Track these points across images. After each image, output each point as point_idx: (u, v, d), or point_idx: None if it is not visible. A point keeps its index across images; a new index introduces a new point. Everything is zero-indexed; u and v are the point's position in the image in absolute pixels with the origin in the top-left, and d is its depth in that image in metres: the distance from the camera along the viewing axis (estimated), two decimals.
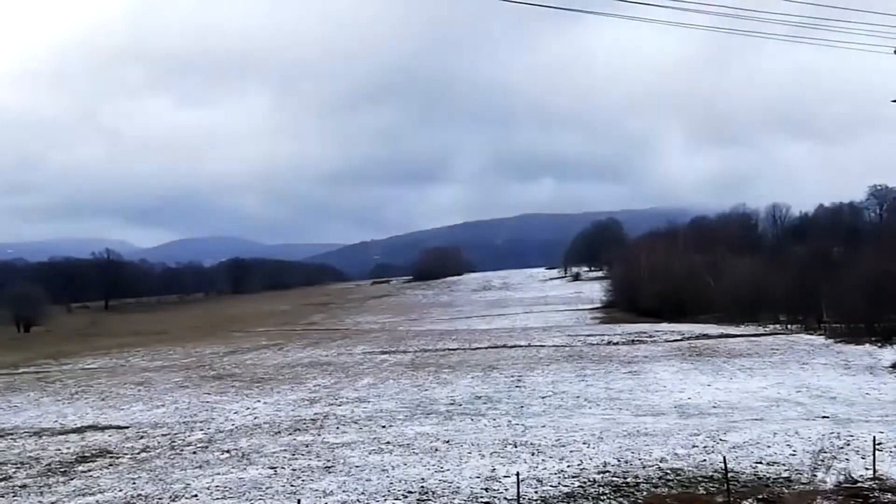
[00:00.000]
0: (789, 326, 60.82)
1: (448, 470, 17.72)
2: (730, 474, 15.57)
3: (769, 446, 18.94)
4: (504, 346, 53.97)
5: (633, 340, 54.01)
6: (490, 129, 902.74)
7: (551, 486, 16.07)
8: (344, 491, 16.25)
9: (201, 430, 26.43)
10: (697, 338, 54.36)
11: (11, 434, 27.69)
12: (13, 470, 20.96)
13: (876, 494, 14.86)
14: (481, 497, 15.47)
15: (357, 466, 18.63)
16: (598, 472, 16.94)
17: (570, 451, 19.14)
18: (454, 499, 15.36)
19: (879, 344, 44.35)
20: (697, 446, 19.22)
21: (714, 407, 28.16)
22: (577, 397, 31.40)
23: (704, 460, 17.74)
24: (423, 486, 16.31)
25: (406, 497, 15.55)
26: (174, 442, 24.18)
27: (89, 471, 20.28)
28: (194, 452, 22.10)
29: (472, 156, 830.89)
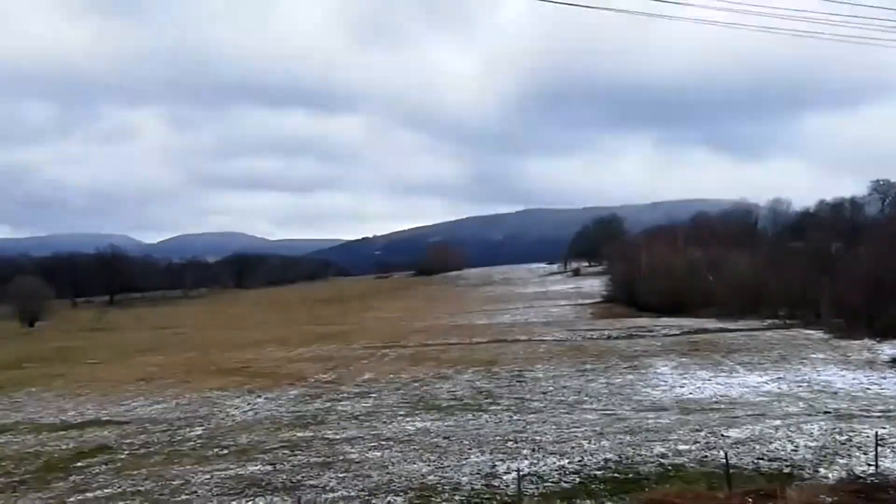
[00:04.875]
0: (788, 321, 60.72)
1: (448, 466, 17.65)
2: (731, 470, 15.50)
3: (771, 442, 18.87)
4: (505, 340, 53.94)
5: (632, 335, 53.96)
6: None
7: (552, 481, 16.00)
8: (344, 487, 16.18)
9: (201, 425, 26.42)
10: (696, 332, 54.31)
11: (11, 430, 27.71)
12: (12, 466, 20.93)
13: (878, 490, 14.80)
14: (482, 493, 15.40)
15: (357, 462, 18.57)
16: (599, 468, 16.86)
17: (571, 447, 19.07)
18: (455, 495, 15.29)
19: (879, 339, 44.29)
20: (699, 442, 19.15)
21: (715, 402, 28.12)
22: (578, 392, 31.38)
23: (706, 456, 17.67)
24: (423, 482, 16.24)
25: (406, 493, 15.48)
26: (174, 438, 24.15)
27: (88, 467, 20.24)
28: (194, 448, 22.06)
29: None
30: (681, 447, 18.55)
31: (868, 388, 30.51)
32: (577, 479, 16.11)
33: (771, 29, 22.01)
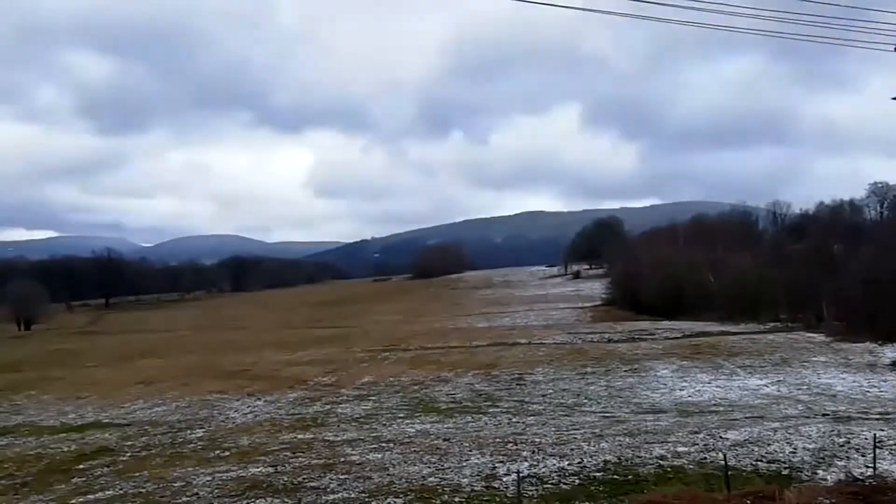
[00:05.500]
0: (789, 324, 60.82)
1: (448, 468, 17.70)
2: (730, 472, 15.56)
3: (769, 444, 18.92)
4: (505, 343, 54.00)
5: (633, 338, 54.05)
6: None
7: (552, 483, 16.06)
8: (344, 489, 16.23)
9: (202, 428, 26.48)
10: (697, 335, 54.40)
11: (12, 432, 27.77)
12: (14, 468, 20.98)
13: (876, 492, 14.87)
14: (482, 495, 15.46)
15: (357, 464, 18.61)
16: (599, 470, 16.92)
17: (571, 449, 19.12)
18: (455, 496, 15.35)
19: (880, 342, 44.38)
20: (697, 444, 19.20)
21: (714, 405, 28.19)
22: (578, 395, 31.45)
23: (705, 458, 17.73)
24: (423, 484, 16.30)
25: (406, 495, 15.53)
26: (175, 440, 24.21)
27: (90, 468, 20.29)
28: (195, 450, 22.11)
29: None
30: (680, 449, 18.61)
31: (867, 391, 30.60)
32: (577, 481, 16.17)
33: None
